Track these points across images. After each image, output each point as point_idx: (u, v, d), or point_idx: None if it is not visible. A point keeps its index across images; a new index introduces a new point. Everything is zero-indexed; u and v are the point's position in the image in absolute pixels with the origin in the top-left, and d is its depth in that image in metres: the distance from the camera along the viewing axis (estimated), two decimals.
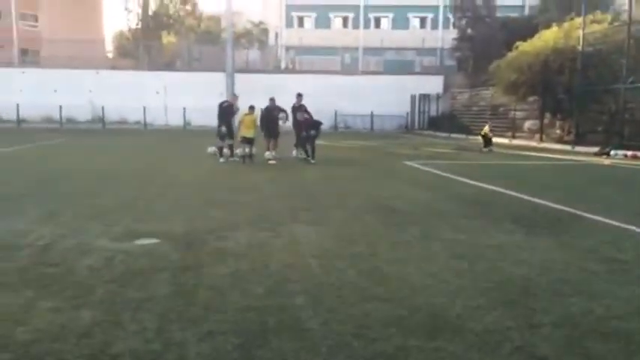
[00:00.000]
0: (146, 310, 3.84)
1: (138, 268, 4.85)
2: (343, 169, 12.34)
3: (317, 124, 15.06)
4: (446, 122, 34.86)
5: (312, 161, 14.46)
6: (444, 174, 12.63)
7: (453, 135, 31.68)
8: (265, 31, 54.48)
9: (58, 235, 5.92)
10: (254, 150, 14.28)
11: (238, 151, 14.68)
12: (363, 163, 15.48)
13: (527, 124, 28.11)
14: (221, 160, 14.82)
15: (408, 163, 15.21)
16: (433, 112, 38.49)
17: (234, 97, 16.42)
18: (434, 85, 39.32)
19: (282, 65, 46.22)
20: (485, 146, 20.92)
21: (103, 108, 36.58)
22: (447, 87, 39.67)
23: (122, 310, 3.83)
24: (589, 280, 4.70)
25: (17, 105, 35.39)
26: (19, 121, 35.61)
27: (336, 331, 3.51)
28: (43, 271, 4.69)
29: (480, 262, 5.22)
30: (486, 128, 21.55)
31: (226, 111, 15.12)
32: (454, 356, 3.17)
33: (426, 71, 43.66)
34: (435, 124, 36.85)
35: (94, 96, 37.47)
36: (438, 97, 38.53)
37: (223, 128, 14.92)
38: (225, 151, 15.07)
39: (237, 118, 15.20)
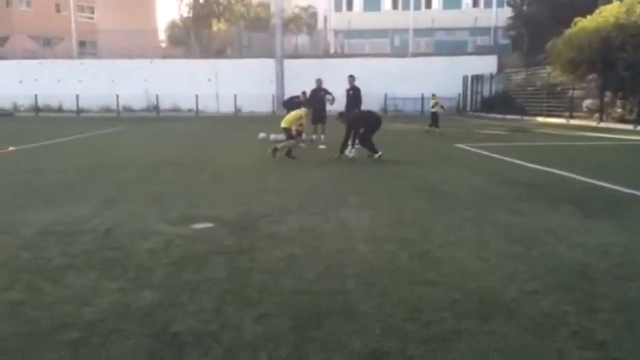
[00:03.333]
0: (204, 291, 3.97)
1: (194, 251, 5.01)
2: (393, 153, 12.23)
3: (368, 119, 12.14)
4: (500, 103, 33.94)
5: (375, 156, 11.59)
6: (497, 156, 12.34)
7: (508, 116, 30.83)
8: (314, 16, 54.41)
9: (118, 221, 6.17)
10: (301, 140, 13.56)
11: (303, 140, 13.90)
12: (413, 146, 15.31)
13: (586, 103, 27.04)
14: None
15: (460, 145, 14.93)
16: (486, 93, 37.48)
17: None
18: (487, 65, 38.23)
19: (332, 50, 46.06)
20: (430, 125, 19.71)
21: (157, 96, 37.59)
22: (500, 67, 38.51)
23: (181, 291, 3.97)
24: None
25: (77, 95, 36.82)
26: (79, 110, 37.06)
27: (389, 314, 3.54)
28: (106, 254, 4.92)
29: (536, 246, 5.11)
30: (434, 103, 19.94)
31: (296, 105, 14.41)
32: (508, 340, 3.13)
33: (479, 51, 42.52)
34: (488, 105, 35.90)
35: (148, 85, 38.52)
36: (491, 77, 37.46)
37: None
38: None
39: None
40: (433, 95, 20.58)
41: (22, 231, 5.73)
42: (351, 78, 15.24)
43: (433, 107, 19.94)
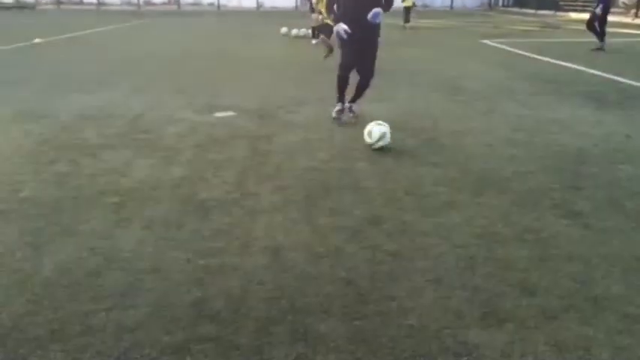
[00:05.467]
0: (226, 167, 4.40)
1: (218, 135, 5.40)
2: (415, 50, 12.18)
3: None
4: None
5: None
6: (523, 52, 12.21)
7: (540, 11, 29.63)
8: None
9: (146, 108, 6.56)
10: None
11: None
12: (437, 42, 15.10)
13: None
14: (313, 42, 14.00)
15: (485, 41, 14.69)
16: None
17: None
18: None
19: None
20: (406, 21, 18.76)
21: None
22: None
23: (206, 168, 4.40)
24: None
25: None
26: (99, 3, 36.59)
27: (390, 189, 3.92)
28: (137, 136, 5.34)
29: (540, 134, 5.37)
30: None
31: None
32: (494, 209, 3.51)
33: None
34: (521, 0, 34.34)
35: None
36: None
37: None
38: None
39: None
40: None
41: (60, 115, 6.18)
42: None
43: (404, 1, 18.51)
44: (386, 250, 2.97)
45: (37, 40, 14.20)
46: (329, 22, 10.13)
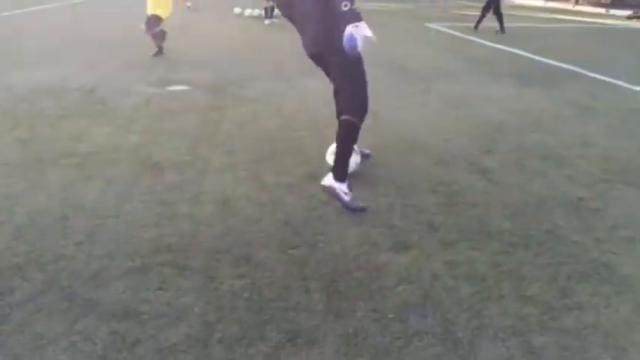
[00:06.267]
0: (179, 135, 4.78)
1: (172, 107, 5.75)
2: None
3: None
4: None
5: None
6: (464, 36, 12.88)
7: None
8: None
9: (100, 82, 6.82)
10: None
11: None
12: (385, 25, 15.63)
13: None
14: (266, 22, 14.53)
15: (430, 25, 15.32)
16: None
17: None
18: None
19: None
20: None
21: None
22: None
23: (160, 135, 4.77)
24: (555, 122, 5.44)
25: None
26: None
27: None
28: (94, 107, 5.64)
29: (468, 108, 5.96)
30: None
31: None
32: (415, 167, 4.05)
33: None
34: None
35: None
36: None
37: None
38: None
39: None
40: None
41: (16, 88, 6.37)
42: None
43: None
44: (319, 199, 3.45)
45: None
46: None
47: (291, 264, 2.69)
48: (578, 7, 23.30)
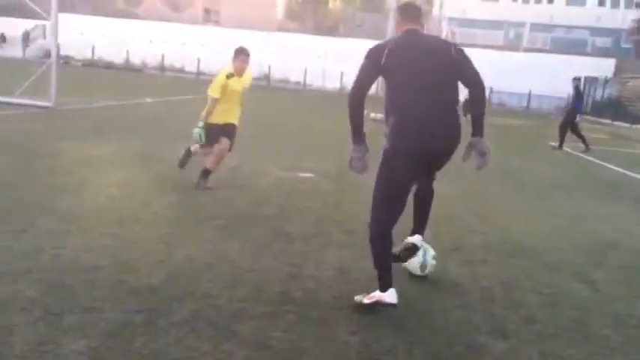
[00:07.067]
0: (306, 213, 5.41)
1: (300, 189, 6.48)
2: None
3: None
4: (610, 108, 32.85)
5: None
6: (585, 156, 12.85)
7: (616, 122, 29.91)
8: (430, 2, 54.40)
9: (242, 162, 7.79)
10: None
11: None
12: (505, 140, 15.95)
13: None
14: None
15: (553, 143, 15.40)
16: (598, 97, 36.25)
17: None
18: (603, 68, 36.83)
19: (443, 36, 46.19)
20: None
21: (269, 67, 39.88)
22: (617, 71, 37.00)
23: (292, 211, 5.44)
24: None
25: (198, 59, 39.98)
26: (199, 73, 40.24)
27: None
28: (236, 181, 6.54)
29: (581, 224, 6.08)
30: None
31: None
32: (519, 267, 4.29)
33: (598, 53, 40.92)
34: (598, 109, 34.79)
35: (262, 55, 40.90)
36: (605, 81, 36.13)
37: None
38: None
39: None
40: None
41: (171, 159, 7.49)
42: None
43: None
44: (429, 278, 3.82)
45: (147, 100, 16.31)
46: None
47: (399, 330, 3.06)
48: None
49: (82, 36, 40.35)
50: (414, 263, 3.77)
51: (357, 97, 3.30)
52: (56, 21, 12.76)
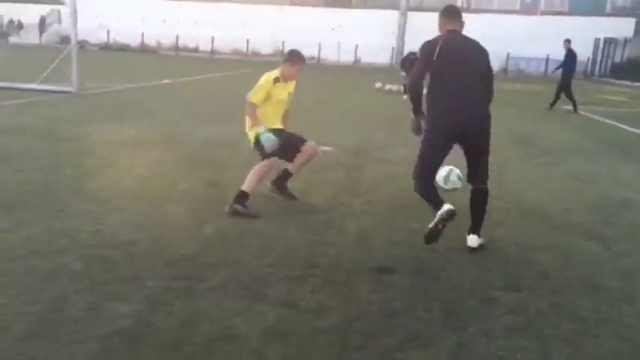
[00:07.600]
0: (327, 186, 5.64)
1: (322, 163, 6.68)
2: (499, 110, 13.07)
3: None
4: (630, 69, 32.23)
5: None
6: (600, 118, 12.85)
7: (637, 84, 29.41)
8: None
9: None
10: None
11: None
12: (520, 104, 15.93)
13: None
14: (404, 97, 15.60)
15: (566, 107, 15.34)
16: (617, 59, 35.56)
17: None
18: (624, 28, 35.99)
19: (458, 3, 45.43)
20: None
21: (282, 42, 39.77)
22: (638, 31, 36.14)
23: (312, 184, 5.65)
24: None
25: (212, 37, 40.05)
26: (212, 51, 40.37)
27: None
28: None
29: (592, 184, 6.22)
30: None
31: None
32: (532, 228, 4.47)
33: (618, 12, 39.94)
34: (618, 71, 34.17)
35: (275, 30, 40.76)
36: (625, 41, 35.38)
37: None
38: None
39: None
40: None
41: (194, 140, 7.76)
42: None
43: None
44: (444, 243, 4.02)
45: (165, 81, 16.57)
46: None
47: (417, 287, 3.30)
48: None
49: (98, 19, 40.54)
50: (439, 174, 4.24)
51: (417, 85, 4.03)
52: (75, 7, 12.98)
